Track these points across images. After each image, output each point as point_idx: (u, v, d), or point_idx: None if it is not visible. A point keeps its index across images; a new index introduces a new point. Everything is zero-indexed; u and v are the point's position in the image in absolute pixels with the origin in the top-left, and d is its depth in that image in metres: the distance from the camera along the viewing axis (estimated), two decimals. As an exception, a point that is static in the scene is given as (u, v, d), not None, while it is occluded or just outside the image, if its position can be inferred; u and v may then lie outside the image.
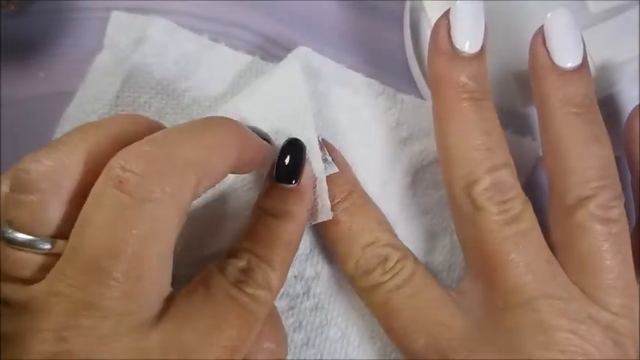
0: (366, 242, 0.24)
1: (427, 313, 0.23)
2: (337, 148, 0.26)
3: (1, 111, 0.29)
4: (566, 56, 0.23)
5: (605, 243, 0.21)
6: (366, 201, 0.25)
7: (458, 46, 0.22)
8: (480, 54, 0.23)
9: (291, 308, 0.26)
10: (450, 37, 0.22)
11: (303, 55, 0.27)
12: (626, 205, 0.22)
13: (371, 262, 0.23)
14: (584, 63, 0.23)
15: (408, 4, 0.28)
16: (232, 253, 0.21)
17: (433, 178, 0.27)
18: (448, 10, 0.23)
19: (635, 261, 0.22)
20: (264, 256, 0.21)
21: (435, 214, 0.27)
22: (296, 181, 0.22)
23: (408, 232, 0.26)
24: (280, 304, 0.26)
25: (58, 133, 0.28)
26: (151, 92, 0.28)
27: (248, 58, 0.28)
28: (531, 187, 0.27)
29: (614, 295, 0.21)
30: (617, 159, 0.23)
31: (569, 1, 0.25)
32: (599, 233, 0.22)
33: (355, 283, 0.24)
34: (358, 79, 0.28)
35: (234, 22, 0.29)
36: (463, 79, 0.22)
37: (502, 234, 0.21)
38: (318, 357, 0.26)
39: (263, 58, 0.28)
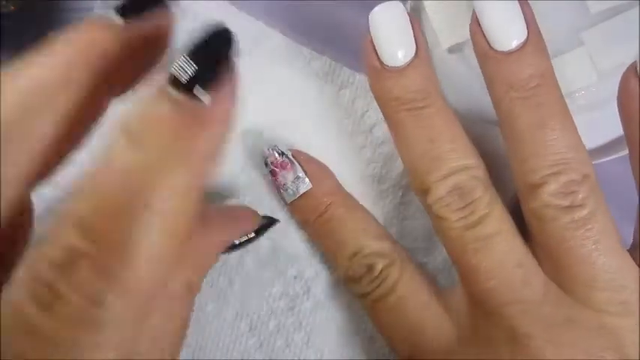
0: (349, 253, 0.24)
1: (410, 323, 0.22)
2: (338, 150, 0.26)
3: (1, 111, 0.29)
4: (501, 37, 0.20)
5: (569, 231, 0.19)
6: (347, 209, 0.25)
7: (385, 61, 0.21)
8: (415, 59, 0.21)
9: (291, 308, 0.26)
10: (375, 52, 0.21)
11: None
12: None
13: (357, 272, 0.23)
14: (530, 37, 0.20)
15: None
16: None
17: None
18: None
19: None
20: None
21: (435, 214, 0.27)
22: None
23: (407, 231, 0.27)
24: (280, 304, 0.26)
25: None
26: (150, 92, 0.28)
27: None
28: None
29: (595, 289, 0.19)
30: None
31: (569, 1, 0.25)
32: (562, 222, 0.19)
33: (349, 289, 0.25)
34: (360, 80, 0.28)
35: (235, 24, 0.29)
36: (396, 93, 0.21)
37: (462, 240, 0.21)
38: (318, 357, 0.26)
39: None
